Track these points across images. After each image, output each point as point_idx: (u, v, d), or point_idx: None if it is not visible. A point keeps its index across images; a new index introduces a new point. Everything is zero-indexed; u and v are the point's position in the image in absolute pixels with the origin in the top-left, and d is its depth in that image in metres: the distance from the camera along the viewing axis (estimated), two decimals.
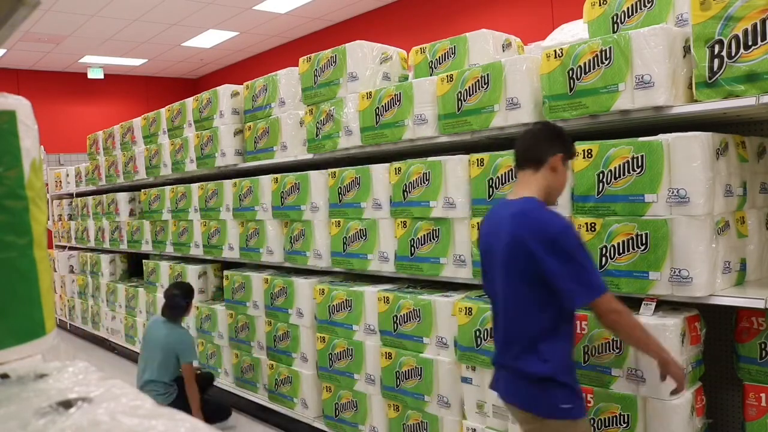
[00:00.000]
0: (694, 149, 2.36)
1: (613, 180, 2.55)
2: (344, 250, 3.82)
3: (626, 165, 2.51)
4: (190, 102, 5.45)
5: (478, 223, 3.05)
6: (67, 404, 0.85)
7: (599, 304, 2.08)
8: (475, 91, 3.07)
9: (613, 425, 2.55)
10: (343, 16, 9.84)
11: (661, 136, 2.44)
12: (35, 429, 0.78)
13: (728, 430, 2.82)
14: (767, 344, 2.45)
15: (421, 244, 3.35)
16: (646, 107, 2.49)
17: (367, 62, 3.83)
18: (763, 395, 2.44)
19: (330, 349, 3.86)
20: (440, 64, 3.50)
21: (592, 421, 2.60)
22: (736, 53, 2.26)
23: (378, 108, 3.57)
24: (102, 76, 12.26)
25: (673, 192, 2.40)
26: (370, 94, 3.62)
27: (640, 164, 2.48)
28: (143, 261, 6.34)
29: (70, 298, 8.30)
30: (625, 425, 2.52)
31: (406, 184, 3.40)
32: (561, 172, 2.28)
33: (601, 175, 2.59)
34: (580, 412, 2.19)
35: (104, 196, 7.21)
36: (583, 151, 2.65)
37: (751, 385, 2.49)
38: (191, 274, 5.47)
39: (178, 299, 4.45)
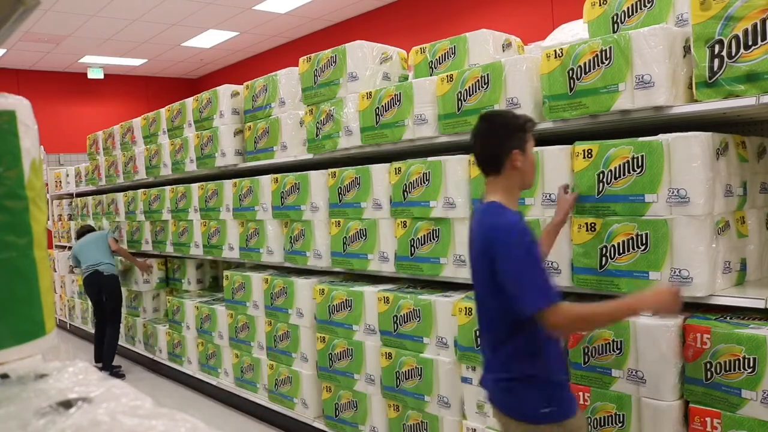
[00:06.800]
0: (694, 149, 2.36)
1: (613, 180, 2.55)
2: (344, 250, 3.82)
3: (626, 165, 2.51)
4: (190, 102, 5.45)
5: None
6: (67, 404, 0.85)
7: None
8: (475, 91, 3.07)
9: (608, 425, 2.55)
10: (343, 16, 9.84)
11: (661, 136, 2.44)
12: (35, 429, 0.78)
13: None
14: (713, 364, 2.30)
15: (421, 244, 3.35)
16: (646, 107, 2.48)
17: (367, 62, 3.83)
18: (708, 419, 2.31)
19: (330, 349, 3.86)
20: (440, 64, 3.49)
21: (587, 420, 2.60)
22: (736, 53, 2.26)
23: (378, 108, 3.57)
24: (102, 76, 12.26)
25: (673, 192, 2.40)
26: (370, 94, 3.62)
27: (640, 164, 2.47)
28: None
29: (70, 298, 8.29)
30: (620, 425, 2.52)
31: (406, 184, 3.40)
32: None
33: (601, 175, 2.58)
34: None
35: (104, 196, 7.21)
36: (583, 151, 2.65)
37: (696, 407, 2.36)
38: (189, 263, 5.95)
39: (92, 227, 6.73)
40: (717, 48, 2.30)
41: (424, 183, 3.30)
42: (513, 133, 2.16)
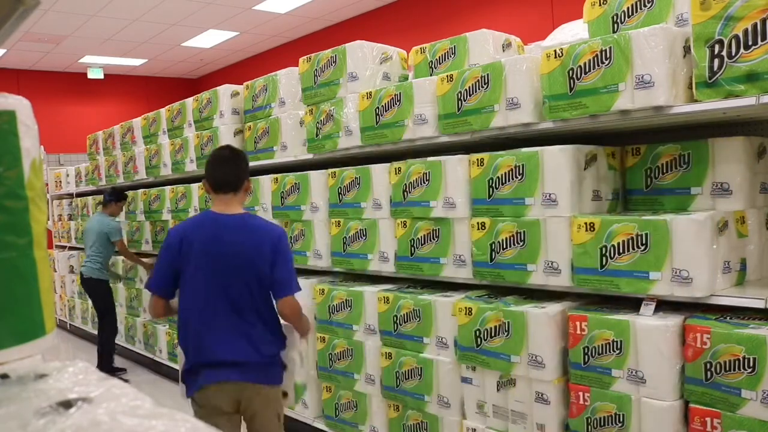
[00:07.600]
0: (737, 151, 2.39)
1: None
2: (344, 250, 3.82)
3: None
4: (190, 102, 5.45)
5: (477, 223, 3.04)
6: (67, 404, 0.85)
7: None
8: (475, 91, 3.07)
9: (608, 425, 2.55)
10: (343, 16, 9.84)
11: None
12: (35, 429, 0.78)
13: None
14: (712, 364, 2.31)
15: (421, 244, 3.35)
16: (646, 107, 2.48)
17: (367, 62, 3.82)
18: (708, 419, 2.32)
19: (330, 349, 3.86)
20: (440, 64, 3.49)
21: (587, 420, 2.59)
22: (736, 53, 2.26)
23: (378, 108, 3.57)
24: (102, 76, 12.27)
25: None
26: (370, 94, 3.62)
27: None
28: None
29: (70, 298, 8.29)
30: (620, 425, 2.52)
31: (406, 184, 3.40)
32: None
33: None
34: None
35: None
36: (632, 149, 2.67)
37: (696, 407, 2.37)
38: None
39: (107, 196, 5.98)
40: (717, 48, 2.30)
41: (424, 183, 3.30)
42: (248, 164, 2.89)
